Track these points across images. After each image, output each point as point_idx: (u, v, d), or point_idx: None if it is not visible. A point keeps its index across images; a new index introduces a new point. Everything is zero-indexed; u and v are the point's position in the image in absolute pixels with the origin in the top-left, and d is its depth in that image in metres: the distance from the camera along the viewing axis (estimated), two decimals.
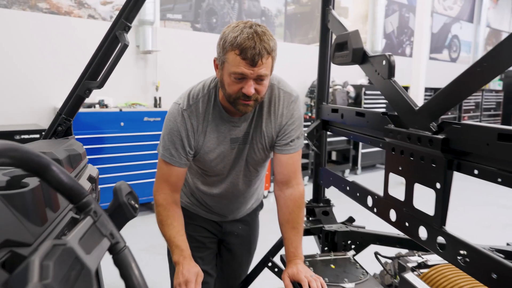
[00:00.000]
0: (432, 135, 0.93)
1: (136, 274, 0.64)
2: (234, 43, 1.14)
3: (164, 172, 1.36)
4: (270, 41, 1.17)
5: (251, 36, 1.14)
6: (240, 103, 1.22)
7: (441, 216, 0.92)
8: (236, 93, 1.21)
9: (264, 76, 1.19)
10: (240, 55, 1.14)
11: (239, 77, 1.18)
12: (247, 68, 1.15)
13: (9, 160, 0.51)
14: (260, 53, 1.13)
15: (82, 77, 1.42)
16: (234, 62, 1.16)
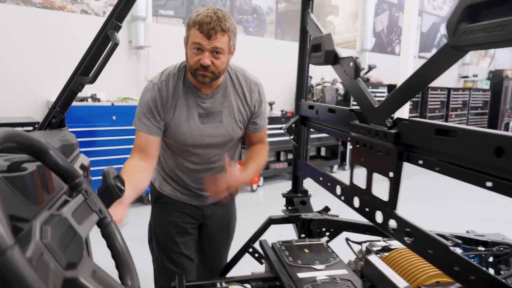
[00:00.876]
0: (387, 130, 1.05)
1: (120, 243, 0.76)
2: (196, 20, 1.38)
3: (138, 141, 1.53)
4: (226, 22, 1.40)
5: (210, 15, 1.37)
6: (199, 74, 1.43)
7: (393, 201, 1.04)
8: (195, 64, 1.42)
9: (219, 49, 1.39)
10: (199, 29, 1.37)
11: (197, 47, 1.40)
12: (203, 40, 1.37)
13: (14, 144, 0.62)
14: (215, 28, 1.36)
15: (75, 72, 1.52)
16: (194, 35, 1.39)
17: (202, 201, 1.70)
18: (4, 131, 0.57)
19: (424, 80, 0.91)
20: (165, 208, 1.70)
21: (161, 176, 1.70)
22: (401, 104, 1.01)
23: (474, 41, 0.72)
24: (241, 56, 5.55)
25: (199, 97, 1.54)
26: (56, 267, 0.54)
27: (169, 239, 1.69)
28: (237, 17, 5.65)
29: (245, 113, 1.62)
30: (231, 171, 1.47)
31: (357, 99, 1.23)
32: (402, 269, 1.26)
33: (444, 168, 0.88)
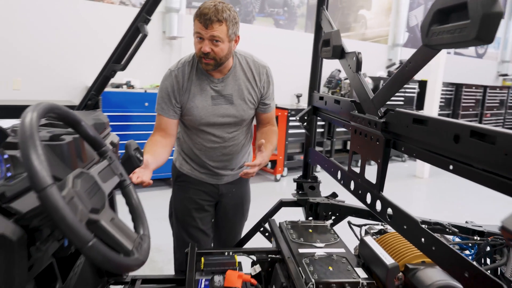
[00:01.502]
0: (377, 119, 1.16)
1: (136, 200, 0.92)
2: (197, 12, 1.55)
3: (157, 122, 1.74)
4: (224, 13, 1.53)
5: (210, 6, 1.52)
6: (202, 61, 1.61)
7: (380, 183, 1.16)
8: (199, 52, 1.59)
9: (216, 37, 1.54)
10: (199, 20, 1.53)
11: (199, 36, 1.56)
12: (202, 29, 1.53)
13: (54, 115, 0.79)
14: (211, 19, 1.50)
15: (109, 60, 1.72)
16: (196, 25, 1.56)
17: (218, 179, 1.86)
18: (48, 104, 0.75)
19: (408, 74, 1.02)
20: (184, 185, 1.87)
21: (181, 157, 1.87)
22: (390, 95, 1.12)
23: (442, 41, 0.82)
24: (270, 49, 5.70)
25: (212, 81, 1.70)
26: (82, 209, 0.70)
27: (187, 215, 1.86)
28: (268, 10, 5.76)
29: (255, 94, 1.77)
30: (262, 152, 1.62)
31: (357, 91, 1.34)
32: (393, 249, 1.37)
33: (419, 154, 0.98)
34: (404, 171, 6.48)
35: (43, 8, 4.12)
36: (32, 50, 4.14)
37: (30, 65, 4.15)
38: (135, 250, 0.77)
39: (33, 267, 0.83)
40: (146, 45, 1.68)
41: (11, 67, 4.06)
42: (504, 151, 0.68)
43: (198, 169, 1.83)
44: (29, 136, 0.64)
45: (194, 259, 1.42)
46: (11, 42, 4.02)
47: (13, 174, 0.87)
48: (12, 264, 0.73)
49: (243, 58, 1.77)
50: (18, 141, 0.65)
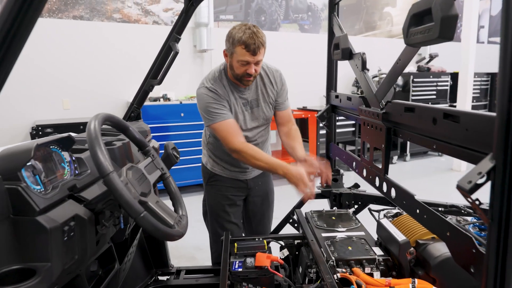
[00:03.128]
0: (379, 111, 1.32)
1: (175, 188, 1.14)
2: (241, 41, 1.70)
3: (223, 129, 1.81)
4: (263, 37, 1.75)
5: (252, 35, 1.70)
6: (244, 80, 1.81)
7: (385, 167, 1.31)
8: (242, 73, 1.78)
9: (260, 61, 1.77)
10: (245, 48, 1.71)
11: (244, 63, 1.74)
12: (250, 57, 1.72)
13: (110, 123, 1.02)
14: (259, 47, 1.72)
15: (147, 76, 1.97)
16: (241, 53, 1.73)
17: (247, 174, 2.07)
18: (105, 114, 0.98)
19: (399, 69, 1.17)
20: (217, 184, 2.08)
21: (212, 160, 2.08)
22: (388, 89, 1.28)
23: (417, 40, 0.98)
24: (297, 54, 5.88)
25: (240, 91, 1.91)
26: (135, 192, 0.92)
27: (221, 210, 2.07)
28: (292, 16, 5.95)
29: (273, 95, 1.99)
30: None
31: (363, 87, 1.50)
32: (406, 228, 1.51)
33: (412, 138, 1.13)
34: (441, 165, 6.41)
35: (84, 33, 4.54)
36: (77, 72, 4.56)
37: (76, 86, 4.57)
38: (175, 225, 0.98)
39: (99, 242, 1.06)
40: (178, 59, 1.91)
41: (60, 89, 4.50)
42: (466, 127, 0.83)
43: (229, 168, 2.04)
44: (94, 137, 0.86)
45: (228, 244, 1.62)
46: (58, 65, 4.45)
47: (80, 172, 1.11)
48: (85, 237, 0.96)
49: (263, 67, 1.98)
50: (87, 141, 0.87)
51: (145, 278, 2.04)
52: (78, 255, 0.94)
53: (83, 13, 4.48)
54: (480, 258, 0.76)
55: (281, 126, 2.08)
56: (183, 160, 4.65)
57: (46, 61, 4.37)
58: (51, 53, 4.39)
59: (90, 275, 1.27)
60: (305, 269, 1.53)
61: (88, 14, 4.51)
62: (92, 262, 1.25)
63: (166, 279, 2.12)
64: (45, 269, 0.83)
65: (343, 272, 1.34)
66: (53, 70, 4.43)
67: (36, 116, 4.37)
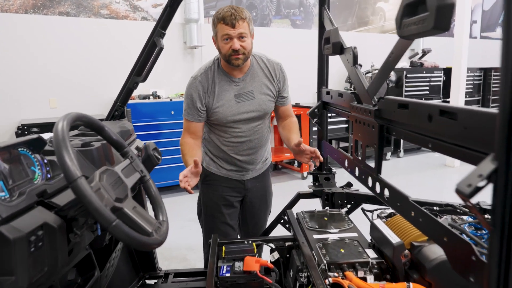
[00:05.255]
0: (371, 107, 1.26)
1: (155, 192, 1.07)
2: (219, 17, 1.72)
3: (185, 126, 1.91)
4: (244, 12, 1.72)
5: (228, 9, 1.71)
6: (233, 58, 1.75)
7: (378, 167, 1.25)
8: (228, 51, 1.74)
9: (243, 34, 1.72)
10: (224, 23, 1.70)
11: (226, 38, 1.72)
12: (230, 29, 1.70)
13: (81, 123, 0.95)
14: (236, 18, 1.68)
15: (130, 73, 1.89)
16: (221, 29, 1.72)
17: (244, 174, 2.01)
18: (75, 113, 0.90)
19: (392, 63, 1.11)
20: (213, 184, 2.01)
21: (208, 157, 2.02)
22: (380, 84, 1.21)
23: (411, 32, 0.92)
24: (288, 49, 5.81)
25: (233, 81, 1.86)
26: (108, 198, 0.85)
27: (216, 211, 2.01)
28: (284, 12, 5.87)
29: (273, 88, 1.93)
30: None
31: (355, 83, 1.44)
32: (400, 229, 1.45)
33: (406, 136, 1.07)
34: (435, 161, 6.40)
35: (70, 30, 4.43)
36: (64, 70, 4.45)
37: (63, 84, 4.47)
38: (154, 232, 0.91)
39: (73, 251, 0.99)
40: (168, 56, 1.86)
41: (47, 87, 4.39)
42: (464, 125, 0.77)
43: (226, 166, 1.97)
44: (61, 139, 0.79)
45: (216, 247, 1.56)
46: (44, 63, 4.34)
47: (52, 176, 1.03)
48: (55, 247, 0.89)
49: (258, 57, 1.94)
50: (53, 143, 0.80)
51: (131, 282, 1.97)
52: (48, 267, 0.87)
53: (69, 9, 4.37)
54: (481, 267, 0.70)
55: (281, 120, 2.07)
56: (174, 159, 4.58)
57: (32, 59, 4.26)
58: (37, 51, 4.28)
59: (67, 284, 1.19)
60: (295, 273, 1.47)
61: (74, 10, 4.40)
62: (69, 270, 1.18)
63: (154, 283, 2.06)
64: (9, 284, 0.76)
65: (335, 277, 1.28)
66: (39, 68, 4.32)
67: (21, 115, 4.26)
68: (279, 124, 2.10)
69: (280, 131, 2.07)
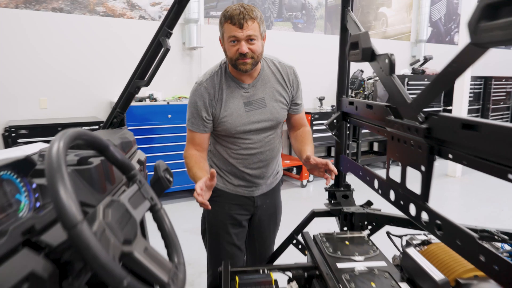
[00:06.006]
0: (418, 125, 1.08)
1: (168, 226, 0.88)
2: (226, 16, 1.53)
3: (189, 137, 1.72)
4: (254, 11, 1.53)
5: (237, 7, 1.52)
6: (240, 63, 1.57)
7: (425, 194, 1.07)
8: (235, 55, 1.56)
9: (252, 36, 1.53)
10: (231, 22, 1.51)
11: (233, 40, 1.54)
12: (237, 30, 1.51)
13: (82, 142, 0.76)
14: (245, 18, 1.49)
15: (132, 77, 1.70)
16: (228, 29, 1.53)
17: (253, 191, 1.82)
18: (74, 131, 0.71)
19: (452, 76, 0.94)
20: (219, 201, 1.82)
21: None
22: (431, 99, 1.04)
23: (493, 39, 0.74)
24: (290, 53, 5.64)
25: (242, 88, 1.68)
26: (115, 242, 0.66)
27: (223, 230, 1.82)
28: (286, 15, 5.70)
29: (286, 95, 1.76)
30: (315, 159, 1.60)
31: (392, 94, 1.26)
32: (440, 262, 1.28)
33: (470, 162, 0.90)
34: (436, 170, 6.25)
35: (63, 27, 4.20)
36: (56, 69, 4.22)
37: (54, 84, 4.23)
38: (171, 282, 0.72)
39: None
40: (166, 57, 1.66)
41: (37, 87, 4.16)
42: None
43: (233, 182, 1.79)
44: (56, 168, 0.60)
45: (229, 279, 1.37)
46: (35, 61, 4.11)
47: (42, 204, 0.84)
48: None
49: (270, 61, 1.76)
50: (45, 173, 0.61)
51: None
52: None
53: (63, 5, 4.15)
54: None
55: (294, 130, 1.90)
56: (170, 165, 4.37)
57: (22, 57, 4.03)
58: (27, 48, 4.05)
59: None
60: None
61: (68, 7, 4.18)
62: None
63: None
64: None
65: None
66: (29, 66, 4.08)
67: (9, 116, 4.02)
68: (291, 134, 1.92)
69: (292, 142, 1.89)
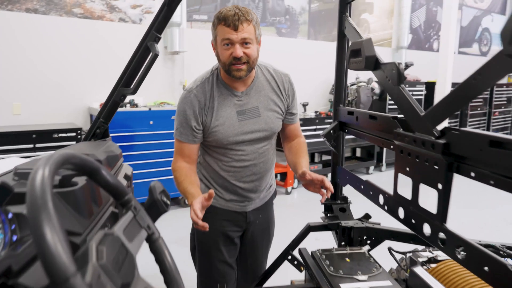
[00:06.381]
0: (434, 139, 1.01)
1: (168, 259, 0.77)
2: (220, 17, 1.44)
3: (178, 148, 1.62)
4: (249, 13, 1.45)
5: (232, 9, 1.44)
6: (233, 69, 1.47)
7: (442, 214, 1.00)
8: (228, 59, 1.46)
9: (248, 39, 1.44)
10: (225, 24, 1.42)
11: (227, 43, 1.44)
12: (231, 33, 1.42)
13: (71, 166, 0.64)
14: (240, 19, 1.41)
15: (117, 84, 1.57)
16: (221, 31, 1.44)
17: (245, 205, 1.71)
18: (61, 155, 0.59)
19: (475, 89, 0.87)
20: (209, 217, 1.70)
21: (203, 184, 1.71)
22: (449, 113, 0.97)
23: None
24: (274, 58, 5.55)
25: (235, 96, 1.58)
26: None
27: (214, 248, 1.70)
28: (269, 19, 5.64)
29: (281, 104, 1.66)
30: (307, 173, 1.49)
31: (401, 106, 1.19)
32: (452, 283, 1.21)
33: (498, 182, 0.83)
34: None
35: (38, 29, 4.00)
36: (31, 73, 4.01)
37: (29, 88, 4.02)
38: None
39: None
40: (152, 66, 1.55)
41: (10, 91, 3.93)
42: None
43: (225, 196, 1.68)
44: (41, 205, 0.49)
45: None
46: (8, 64, 3.89)
47: (20, 237, 0.71)
48: None
49: (264, 68, 1.67)
50: (27, 211, 0.49)
51: None
52: None
53: (38, 6, 3.95)
54: None
55: (288, 141, 1.79)
56: (151, 173, 4.21)
57: None
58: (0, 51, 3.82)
59: None
60: None
61: (44, 7, 3.98)
62: None
63: None
64: None
65: None
66: (2, 70, 3.86)
67: None
68: (284, 145, 1.82)
69: (286, 154, 1.79)
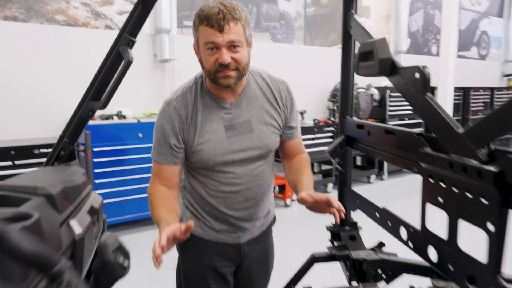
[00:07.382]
0: (481, 165, 0.77)
1: None
2: (201, 16, 1.20)
3: (155, 170, 1.38)
4: (237, 10, 1.21)
5: (216, 5, 1.19)
6: (220, 76, 1.24)
7: (495, 263, 0.76)
8: (213, 66, 1.23)
9: (236, 41, 1.21)
10: (208, 24, 1.18)
11: (211, 47, 1.21)
12: (216, 35, 1.18)
13: None
14: (225, 18, 1.17)
15: (84, 97, 1.33)
16: (204, 33, 1.21)
17: (239, 236, 1.46)
18: None
19: None
20: (197, 251, 1.46)
21: (188, 212, 1.47)
22: (505, 130, 0.73)
23: None
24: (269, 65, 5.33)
25: (223, 108, 1.35)
26: None
27: (202, 286, 1.46)
28: (264, 25, 5.43)
29: (278, 116, 1.43)
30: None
31: (429, 120, 0.95)
32: None
33: None
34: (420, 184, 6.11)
35: (18, 37, 3.76)
36: (8, 84, 3.75)
37: (6, 101, 3.76)
38: None
39: None
40: (136, 70, 1.34)
41: None
42: None
43: (214, 226, 1.43)
44: None
45: None
46: None
47: None
48: None
49: (257, 75, 1.44)
50: None
51: None
52: None
53: (17, 13, 3.72)
54: None
55: (288, 159, 1.54)
56: (141, 189, 3.94)
57: None
58: None
59: None
60: None
61: (23, 15, 3.75)
62: None
63: None
64: None
65: None
66: None
67: None
68: (284, 163, 1.57)
69: (286, 173, 1.54)
